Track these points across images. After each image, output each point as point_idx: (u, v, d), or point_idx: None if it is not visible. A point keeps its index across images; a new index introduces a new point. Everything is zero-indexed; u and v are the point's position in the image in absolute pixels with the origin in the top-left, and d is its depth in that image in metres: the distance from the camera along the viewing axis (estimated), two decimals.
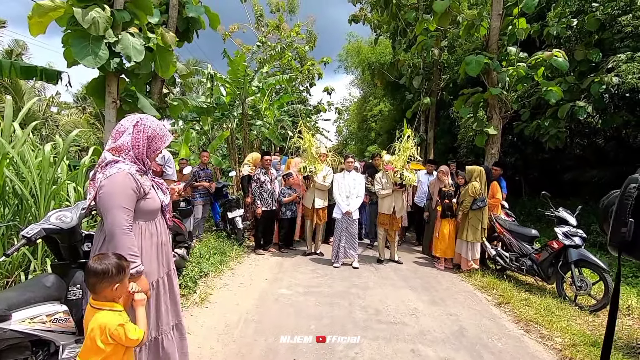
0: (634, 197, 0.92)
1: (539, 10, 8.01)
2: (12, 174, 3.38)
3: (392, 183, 5.52)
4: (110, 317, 1.56)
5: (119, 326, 1.53)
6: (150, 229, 1.97)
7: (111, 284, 1.59)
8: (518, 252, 4.91)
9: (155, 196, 2.00)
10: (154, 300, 1.99)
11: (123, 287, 1.65)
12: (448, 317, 3.70)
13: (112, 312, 1.59)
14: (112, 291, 1.60)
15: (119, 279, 1.61)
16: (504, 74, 6.88)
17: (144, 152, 1.92)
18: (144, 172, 1.97)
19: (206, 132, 12.57)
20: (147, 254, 1.94)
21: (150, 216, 1.97)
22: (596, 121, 8.00)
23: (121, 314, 1.62)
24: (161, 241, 2.04)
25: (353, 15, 13.36)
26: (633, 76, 5.64)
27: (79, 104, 21.34)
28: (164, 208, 2.07)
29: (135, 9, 4.43)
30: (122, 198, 1.76)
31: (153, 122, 1.96)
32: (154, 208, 1.97)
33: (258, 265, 5.37)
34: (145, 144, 1.92)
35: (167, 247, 2.12)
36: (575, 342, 3.11)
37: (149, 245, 1.96)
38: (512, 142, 10.30)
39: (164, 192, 2.10)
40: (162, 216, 2.10)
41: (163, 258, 2.06)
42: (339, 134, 32.73)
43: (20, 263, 3.25)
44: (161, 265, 2.04)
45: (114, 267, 1.59)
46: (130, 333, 1.55)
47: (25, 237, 2.04)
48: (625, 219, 0.93)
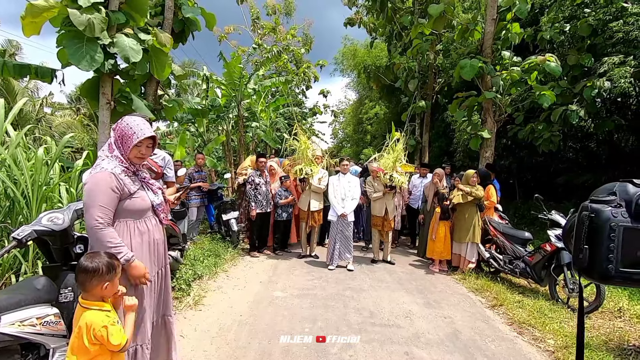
0: (586, 225, 0.98)
1: (533, 15, 8.11)
2: (4, 175, 3.35)
3: (382, 185, 5.56)
4: (97, 317, 1.57)
5: (103, 327, 1.54)
6: (140, 227, 1.99)
7: (101, 282, 1.61)
8: (511, 255, 4.94)
9: (145, 196, 2.03)
10: (147, 298, 2.04)
11: (113, 286, 1.66)
12: (442, 319, 3.71)
13: (100, 312, 1.60)
14: (102, 290, 1.62)
15: (109, 278, 1.63)
16: (498, 78, 6.94)
17: (122, 152, 1.95)
18: (132, 172, 1.99)
19: (201, 134, 12.54)
20: (138, 251, 1.96)
21: (138, 215, 2.00)
22: (589, 125, 8.08)
23: (109, 315, 1.62)
24: (153, 239, 2.06)
25: (349, 18, 13.44)
26: (625, 80, 5.71)
27: (72, 105, 21.17)
28: (155, 208, 2.08)
29: (130, 10, 4.43)
30: (100, 197, 1.80)
31: (126, 120, 1.96)
32: (142, 207, 2.00)
33: (252, 268, 5.35)
34: (120, 143, 1.95)
35: (161, 246, 2.15)
36: (568, 344, 3.13)
37: (139, 243, 1.98)
38: (507, 145, 10.37)
39: (155, 192, 2.11)
40: (155, 215, 2.11)
41: (155, 257, 2.08)
42: (334, 137, 32.80)
43: (11, 265, 3.21)
44: (153, 264, 2.06)
45: (105, 266, 1.62)
46: (112, 337, 1.54)
47: (16, 239, 2.03)
48: (580, 246, 0.99)
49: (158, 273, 2.15)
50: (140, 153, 1.98)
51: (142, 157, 2.02)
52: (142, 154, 1.99)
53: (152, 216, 2.09)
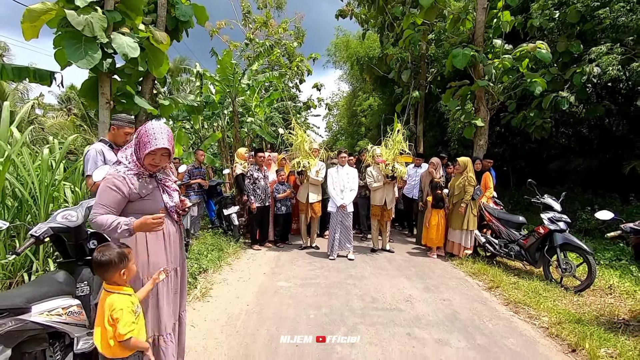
0: None
1: (523, 2, 8.19)
2: (12, 177, 3.42)
3: (383, 176, 5.66)
4: (119, 299, 1.71)
5: (119, 310, 1.67)
6: None
7: (117, 271, 1.74)
8: (507, 239, 5.10)
9: (158, 198, 2.07)
10: (165, 292, 2.08)
11: (129, 271, 1.80)
12: (441, 302, 3.86)
13: (123, 296, 1.74)
14: (120, 277, 1.75)
15: (123, 266, 1.76)
16: (490, 66, 7.04)
17: (138, 157, 2.00)
18: (148, 175, 2.04)
19: (197, 130, 12.56)
20: (153, 246, 2.03)
21: (150, 214, 2.01)
22: (580, 111, 8.24)
23: (130, 297, 1.76)
24: (170, 236, 2.10)
25: (340, 10, 13.40)
26: (613, 67, 5.84)
27: (63, 106, 20.99)
28: (169, 209, 2.11)
29: (126, 9, 4.46)
30: (103, 196, 1.91)
31: (147, 126, 1.99)
32: (151, 209, 2.02)
33: (255, 260, 5.47)
34: (137, 148, 2.00)
35: (177, 243, 2.19)
36: (561, 320, 3.30)
37: (154, 239, 2.04)
38: (500, 133, 10.50)
39: (170, 194, 2.13)
40: (169, 216, 2.13)
41: (171, 253, 2.13)
42: (329, 130, 32.83)
43: (23, 264, 3.30)
44: (169, 260, 2.11)
45: (116, 257, 1.74)
46: (121, 322, 1.65)
47: (34, 236, 2.12)
48: None
49: (175, 270, 2.18)
50: (153, 161, 2.00)
51: (156, 165, 2.03)
52: (155, 163, 2.01)
53: (167, 215, 2.11)
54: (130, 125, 3.16)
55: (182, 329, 2.31)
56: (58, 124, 18.16)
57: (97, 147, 3.04)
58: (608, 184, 7.81)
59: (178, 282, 2.22)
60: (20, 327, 1.69)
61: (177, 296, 2.22)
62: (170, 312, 2.11)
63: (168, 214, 2.12)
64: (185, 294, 2.39)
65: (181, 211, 2.21)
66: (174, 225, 2.16)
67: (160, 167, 2.08)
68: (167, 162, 2.09)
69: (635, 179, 6.90)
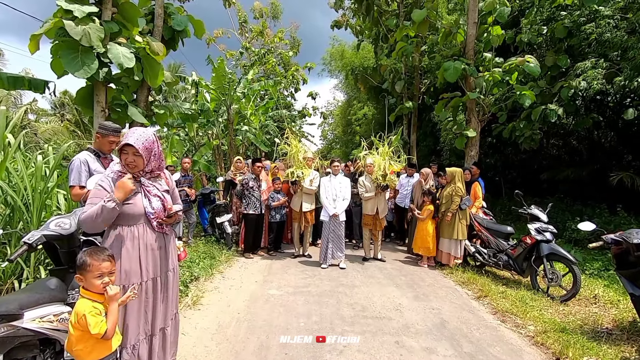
0: None
1: (513, 17, 8.42)
2: (4, 183, 3.44)
3: (375, 186, 5.73)
4: (83, 305, 1.72)
5: (82, 315, 1.68)
6: (133, 232, 2.05)
7: (86, 275, 1.76)
8: (495, 249, 5.19)
9: (139, 203, 2.08)
10: (136, 302, 2.04)
11: (87, 281, 1.78)
12: (430, 311, 3.91)
13: (87, 301, 1.74)
14: (87, 283, 1.76)
15: (80, 273, 1.77)
16: (480, 79, 7.21)
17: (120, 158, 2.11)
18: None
19: (191, 138, 12.59)
20: (129, 254, 2.02)
21: (130, 221, 2.05)
22: (570, 123, 8.43)
23: (95, 305, 1.74)
24: (147, 245, 2.08)
25: (335, 21, 13.66)
26: (597, 82, 6.01)
27: (56, 111, 20.93)
28: (147, 215, 2.09)
29: (123, 20, 4.54)
30: (91, 195, 2.01)
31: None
32: (132, 213, 2.03)
33: (247, 269, 5.49)
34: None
35: (158, 252, 2.15)
36: (547, 329, 3.36)
37: (131, 247, 2.03)
38: (492, 143, 10.67)
39: (150, 200, 2.12)
40: (148, 224, 2.11)
41: (149, 263, 2.10)
42: (324, 138, 32.99)
43: (14, 271, 3.31)
44: (145, 270, 2.08)
45: (78, 261, 1.78)
46: (90, 326, 1.67)
47: (27, 243, 2.15)
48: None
49: (154, 280, 2.13)
50: (127, 160, 2.02)
51: (134, 166, 2.04)
52: (129, 162, 2.02)
53: (146, 223, 2.11)
54: (114, 133, 3.01)
55: (167, 339, 2.27)
56: (51, 129, 18.11)
57: (82, 156, 2.91)
58: (597, 194, 7.95)
59: (159, 291, 2.16)
60: (12, 333, 1.72)
61: (157, 307, 2.16)
62: (139, 326, 2.08)
63: (148, 221, 2.11)
64: (171, 308, 2.30)
65: (165, 219, 2.17)
66: (153, 233, 2.13)
67: (144, 172, 2.12)
68: (142, 163, 2.07)
69: (623, 190, 7.04)
